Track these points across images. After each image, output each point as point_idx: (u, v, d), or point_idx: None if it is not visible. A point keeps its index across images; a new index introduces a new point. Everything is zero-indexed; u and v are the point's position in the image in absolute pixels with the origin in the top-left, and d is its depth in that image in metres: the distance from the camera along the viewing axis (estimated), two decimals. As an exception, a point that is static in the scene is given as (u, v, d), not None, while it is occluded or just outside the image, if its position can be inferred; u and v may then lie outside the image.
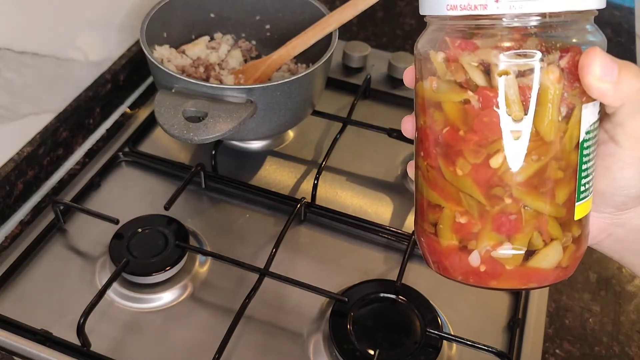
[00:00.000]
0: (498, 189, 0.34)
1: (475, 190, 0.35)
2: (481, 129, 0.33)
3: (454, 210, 0.36)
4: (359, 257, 0.68)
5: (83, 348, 0.56)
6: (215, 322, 0.60)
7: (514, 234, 0.35)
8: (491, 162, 0.34)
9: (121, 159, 0.76)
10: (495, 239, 0.35)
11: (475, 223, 0.35)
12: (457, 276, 0.37)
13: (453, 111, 0.34)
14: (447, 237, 0.36)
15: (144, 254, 0.63)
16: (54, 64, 0.71)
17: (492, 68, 0.33)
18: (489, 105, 0.33)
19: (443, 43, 0.35)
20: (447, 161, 0.35)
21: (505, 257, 0.35)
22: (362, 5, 0.68)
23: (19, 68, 0.66)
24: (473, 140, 0.34)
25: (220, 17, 0.82)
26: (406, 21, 1.03)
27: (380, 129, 0.77)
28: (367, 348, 0.57)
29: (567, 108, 0.33)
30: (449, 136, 0.35)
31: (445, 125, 0.35)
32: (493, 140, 0.33)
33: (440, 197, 0.37)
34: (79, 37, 0.74)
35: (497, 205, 0.34)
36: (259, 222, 0.70)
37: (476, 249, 0.35)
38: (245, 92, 0.64)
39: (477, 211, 0.35)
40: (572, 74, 0.33)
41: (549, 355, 0.60)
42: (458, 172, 0.35)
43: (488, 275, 0.36)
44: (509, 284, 0.36)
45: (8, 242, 0.66)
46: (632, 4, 1.03)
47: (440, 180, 0.36)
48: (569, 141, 0.34)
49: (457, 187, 0.35)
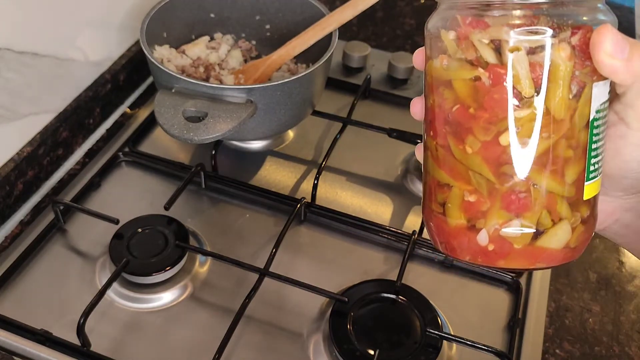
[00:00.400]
0: (508, 167, 0.34)
1: (485, 168, 0.34)
2: (491, 106, 0.33)
3: (463, 188, 0.36)
4: (359, 257, 0.68)
5: (83, 348, 0.56)
6: (215, 322, 0.60)
7: (523, 212, 0.34)
8: (501, 139, 0.33)
9: (121, 159, 0.76)
10: (504, 217, 0.35)
11: (484, 201, 0.35)
12: (465, 256, 0.37)
13: (463, 89, 0.34)
14: (456, 216, 0.36)
15: (144, 254, 0.63)
16: (54, 64, 0.71)
17: (502, 45, 0.33)
18: (499, 82, 0.33)
19: (454, 21, 0.35)
20: (456, 139, 0.35)
21: (513, 235, 0.35)
22: (362, 5, 0.68)
23: (19, 68, 0.66)
24: (483, 117, 0.34)
25: (220, 17, 0.82)
26: (406, 21, 1.03)
27: (380, 129, 0.77)
28: (367, 348, 0.57)
29: (578, 86, 0.33)
30: (458, 114, 0.35)
31: (455, 103, 0.35)
32: (503, 117, 0.33)
33: (449, 176, 0.36)
34: (79, 37, 0.74)
35: (507, 183, 0.34)
36: (259, 222, 0.70)
37: (485, 227, 0.35)
38: (245, 92, 0.64)
39: (487, 189, 0.35)
40: (583, 52, 0.33)
41: (549, 355, 0.60)
42: (467, 150, 0.35)
43: (496, 255, 0.36)
44: (517, 263, 0.36)
45: (8, 242, 0.66)
46: (632, 4, 1.03)
47: (449, 159, 0.36)
48: (580, 120, 0.34)
49: (466, 166, 0.35)
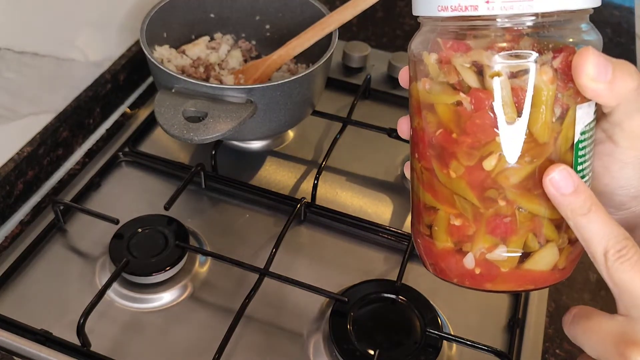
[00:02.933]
0: (492, 192, 0.34)
1: (469, 193, 0.34)
2: (474, 131, 0.33)
3: (448, 212, 0.36)
4: (359, 257, 0.68)
5: (83, 348, 0.56)
6: (215, 322, 0.60)
7: (509, 236, 0.34)
8: (484, 164, 0.33)
9: (121, 159, 0.75)
10: (489, 241, 0.35)
11: (469, 225, 0.35)
12: (453, 278, 0.37)
13: (446, 113, 0.34)
14: (442, 239, 0.36)
15: (144, 254, 0.63)
16: (54, 64, 0.71)
17: (484, 69, 0.32)
18: (481, 107, 0.33)
19: (435, 44, 0.34)
20: (440, 163, 0.35)
21: (500, 259, 0.35)
22: (362, 5, 0.68)
23: (19, 68, 0.66)
24: (466, 142, 0.33)
25: (220, 17, 0.82)
26: (406, 21, 1.03)
27: (380, 129, 0.77)
28: (367, 348, 0.57)
29: (562, 109, 0.33)
30: (442, 138, 0.35)
31: (438, 127, 0.35)
32: (486, 142, 0.33)
33: (434, 199, 0.36)
34: (79, 37, 0.74)
35: (491, 208, 0.34)
36: (259, 222, 0.70)
37: (471, 251, 0.35)
38: (245, 92, 0.64)
39: (471, 214, 0.35)
40: (566, 74, 0.32)
41: (549, 355, 0.60)
42: (452, 175, 0.35)
43: (483, 278, 0.36)
44: (505, 286, 0.36)
45: (8, 242, 0.66)
46: (632, 4, 1.03)
47: (434, 182, 0.36)
48: (564, 142, 0.33)
49: (451, 190, 0.35)
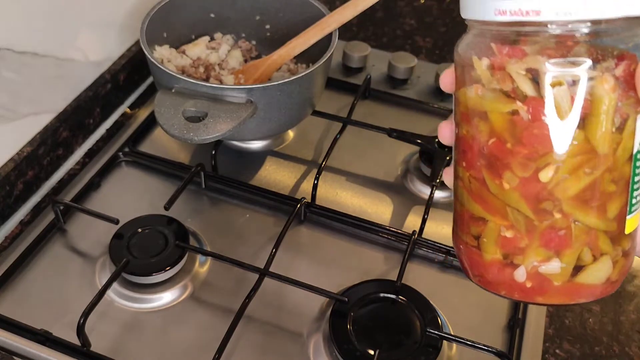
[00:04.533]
0: (547, 204, 0.33)
1: (523, 205, 0.33)
2: (531, 142, 0.32)
3: (499, 224, 0.34)
4: (359, 257, 0.68)
5: (83, 348, 0.56)
6: (215, 322, 0.60)
7: (563, 249, 0.33)
8: (540, 176, 0.32)
9: (121, 159, 0.76)
10: (543, 254, 0.34)
11: (522, 238, 0.34)
12: (501, 291, 0.36)
13: (500, 122, 0.33)
14: (491, 251, 0.35)
15: (144, 254, 0.63)
16: (54, 64, 0.71)
17: (541, 77, 0.31)
18: (539, 117, 0.31)
19: (488, 49, 0.33)
20: (492, 174, 0.34)
21: (553, 273, 0.34)
22: (362, 5, 0.68)
23: (19, 68, 0.66)
24: (522, 153, 0.32)
25: (220, 17, 0.82)
26: (406, 21, 1.03)
27: (380, 129, 0.77)
28: (367, 348, 0.57)
29: (621, 118, 0.32)
30: (495, 148, 0.33)
31: (491, 136, 0.33)
32: (543, 153, 0.32)
33: (484, 210, 0.35)
34: (79, 37, 0.74)
35: (546, 220, 0.33)
36: (259, 222, 0.70)
37: (522, 264, 0.34)
38: (245, 92, 0.64)
39: (525, 226, 0.34)
40: (627, 82, 0.31)
41: (549, 355, 0.60)
42: (505, 186, 0.33)
43: (534, 291, 0.35)
44: (556, 299, 0.35)
45: (8, 242, 0.66)
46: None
47: (484, 193, 0.35)
48: (623, 153, 0.32)
49: (503, 201, 0.34)
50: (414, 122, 0.83)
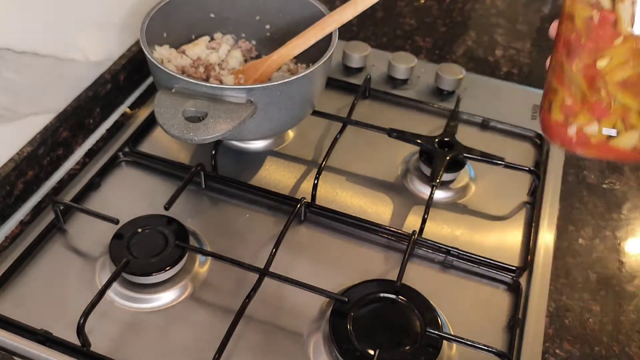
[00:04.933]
0: (599, 84, 0.46)
1: (583, 83, 0.47)
2: (596, 40, 0.45)
3: (565, 94, 0.49)
4: (359, 257, 0.68)
5: (83, 348, 0.56)
6: (215, 322, 0.60)
7: (603, 117, 0.47)
8: (598, 64, 0.46)
9: (121, 159, 0.76)
10: (588, 119, 0.47)
11: (577, 105, 0.48)
12: (557, 141, 0.50)
13: (580, 23, 0.46)
14: (556, 113, 0.50)
15: (144, 254, 0.63)
16: (54, 64, 0.71)
17: None
18: (605, 23, 0.44)
19: None
20: (568, 59, 0.48)
21: (593, 133, 0.48)
22: (362, 5, 0.68)
23: (19, 68, 0.66)
24: (588, 46, 0.46)
25: (220, 17, 0.82)
26: (406, 21, 1.03)
27: (380, 129, 0.77)
28: (367, 348, 0.57)
29: None
30: (573, 41, 0.47)
31: (572, 32, 0.47)
32: (603, 48, 0.45)
33: (558, 84, 0.49)
34: (79, 37, 0.74)
35: (595, 96, 0.47)
36: (259, 222, 0.70)
37: (574, 123, 0.48)
38: (245, 92, 0.64)
39: (580, 97, 0.47)
40: None
41: (549, 355, 0.60)
42: (573, 68, 0.47)
43: (578, 144, 0.49)
44: (592, 153, 0.49)
45: (8, 242, 0.66)
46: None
47: (561, 72, 0.49)
48: None
49: (570, 79, 0.48)
50: (414, 122, 0.83)
